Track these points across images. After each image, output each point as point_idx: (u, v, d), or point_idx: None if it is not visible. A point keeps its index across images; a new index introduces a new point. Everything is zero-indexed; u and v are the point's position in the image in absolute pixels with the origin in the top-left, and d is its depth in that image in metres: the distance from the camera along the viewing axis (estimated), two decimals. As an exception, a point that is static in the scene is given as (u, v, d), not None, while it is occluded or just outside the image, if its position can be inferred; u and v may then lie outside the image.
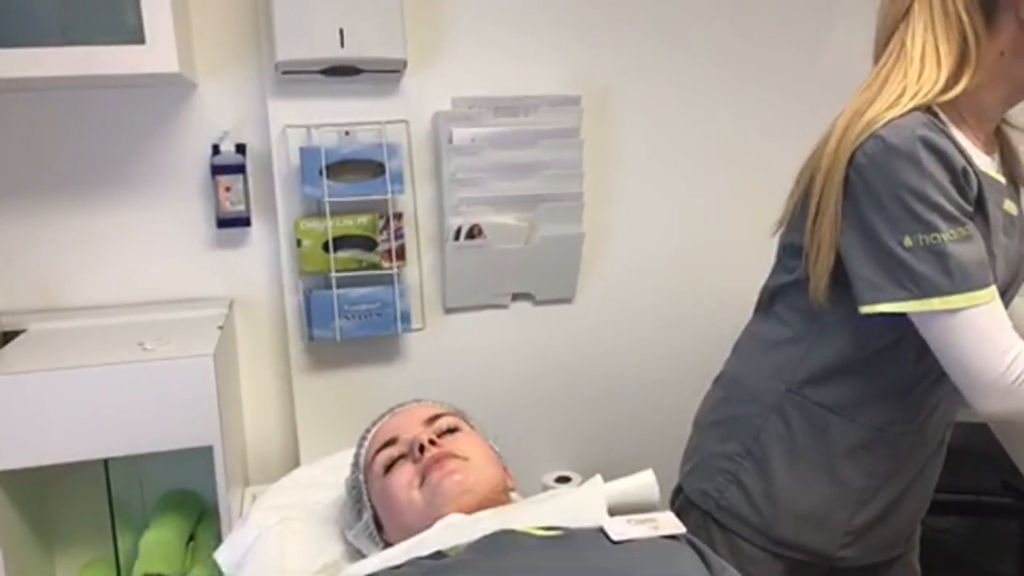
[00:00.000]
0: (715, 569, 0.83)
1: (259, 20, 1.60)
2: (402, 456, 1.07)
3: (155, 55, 1.34)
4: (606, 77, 1.81)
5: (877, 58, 1.04)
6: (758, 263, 1.19)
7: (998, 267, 0.97)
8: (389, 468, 1.07)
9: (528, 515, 0.90)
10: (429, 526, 0.94)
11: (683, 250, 1.89)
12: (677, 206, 1.89)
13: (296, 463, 1.69)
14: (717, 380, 1.22)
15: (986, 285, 0.92)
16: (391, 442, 1.09)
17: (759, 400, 1.11)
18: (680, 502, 1.19)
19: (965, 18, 0.94)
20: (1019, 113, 1.07)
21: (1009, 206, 1.03)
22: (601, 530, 0.85)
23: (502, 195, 1.70)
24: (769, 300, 1.16)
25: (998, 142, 1.07)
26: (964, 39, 0.95)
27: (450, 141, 1.66)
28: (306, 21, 1.48)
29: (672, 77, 1.84)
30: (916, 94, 0.94)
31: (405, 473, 1.05)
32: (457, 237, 1.69)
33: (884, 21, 1.03)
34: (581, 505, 0.91)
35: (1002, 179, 1.03)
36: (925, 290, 0.91)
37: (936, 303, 0.91)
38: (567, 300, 1.86)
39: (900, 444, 1.07)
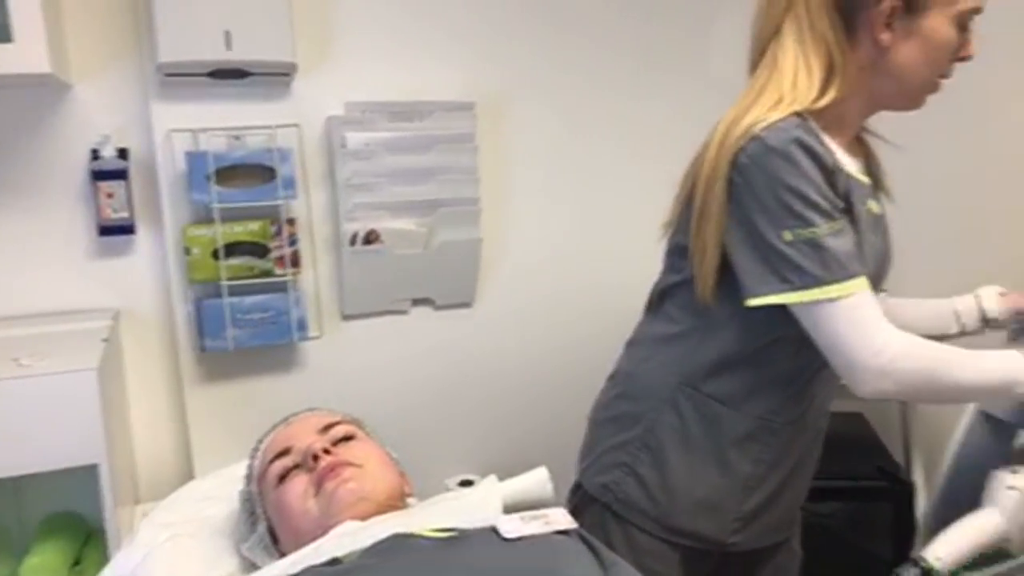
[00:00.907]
0: (606, 562, 0.85)
1: (139, 19, 1.54)
2: (296, 466, 1.05)
3: (24, 54, 1.27)
4: (501, 83, 1.83)
5: (752, 69, 1.09)
6: (649, 264, 1.23)
7: (866, 263, 1.04)
8: (283, 478, 1.05)
9: (423, 518, 0.90)
10: (325, 535, 0.93)
11: (578, 252, 1.93)
12: (571, 210, 1.93)
13: (190, 478, 1.63)
14: (611, 378, 1.25)
15: (859, 275, 0.98)
16: (285, 452, 1.07)
17: (653, 395, 1.15)
18: (579, 497, 1.22)
19: (829, 35, 1.01)
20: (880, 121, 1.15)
21: (873, 206, 1.10)
22: (494, 529, 0.86)
23: (399, 200, 1.70)
24: (659, 299, 1.20)
25: (861, 147, 1.14)
26: (829, 54, 1.01)
27: (344, 146, 1.64)
28: (189, 21, 1.44)
29: (565, 84, 1.88)
30: (792, 102, 1.00)
31: (300, 483, 1.03)
32: (354, 243, 1.67)
33: (758, 35, 1.08)
34: (475, 505, 0.92)
35: (866, 180, 1.10)
36: (805, 281, 0.97)
37: (815, 293, 0.97)
38: (467, 304, 1.87)
39: (783, 433, 1.12)
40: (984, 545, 1.04)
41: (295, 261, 1.63)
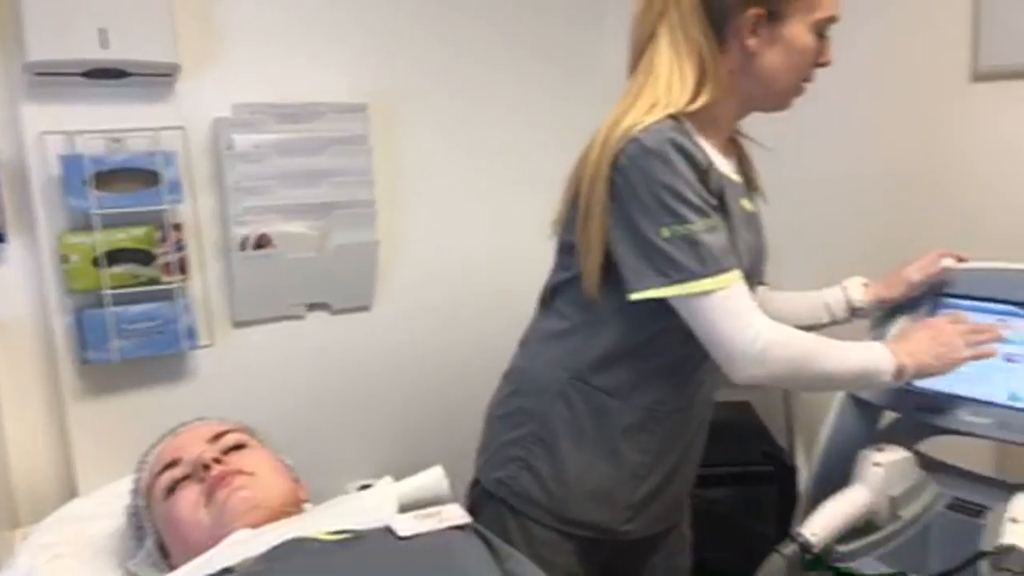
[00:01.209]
0: (501, 554, 0.87)
1: (5, 15, 1.45)
2: (186, 477, 1.03)
3: None
4: (393, 85, 1.83)
5: (630, 72, 1.14)
6: (544, 263, 1.26)
7: (740, 258, 1.10)
8: (172, 490, 1.03)
9: (317, 522, 0.90)
10: (217, 545, 0.91)
11: (475, 252, 1.95)
12: (468, 210, 1.94)
13: (74, 497, 1.55)
14: (506, 375, 1.27)
15: (733, 268, 1.03)
16: (173, 463, 1.05)
17: (545, 390, 1.17)
18: (476, 493, 1.24)
19: (701, 41, 1.06)
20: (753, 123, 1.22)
21: (746, 204, 1.16)
22: (389, 528, 0.86)
23: (291, 203, 1.67)
24: (550, 296, 1.23)
25: (734, 149, 1.20)
26: (701, 59, 1.07)
27: (231, 148, 1.60)
28: (62, 18, 1.37)
29: (459, 84, 1.90)
30: (667, 105, 1.05)
31: (190, 494, 1.01)
32: (244, 247, 1.64)
33: (635, 40, 1.13)
34: (370, 506, 0.93)
35: (739, 179, 1.16)
36: (682, 275, 1.01)
37: (692, 286, 1.01)
38: (365, 308, 1.85)
39: (670, 422, 1.17)
40: (855, 518, 1.12)
41: (182, 268, 1.58)
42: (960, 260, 1.27)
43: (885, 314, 1.30)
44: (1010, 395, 1.14)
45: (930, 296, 1.27)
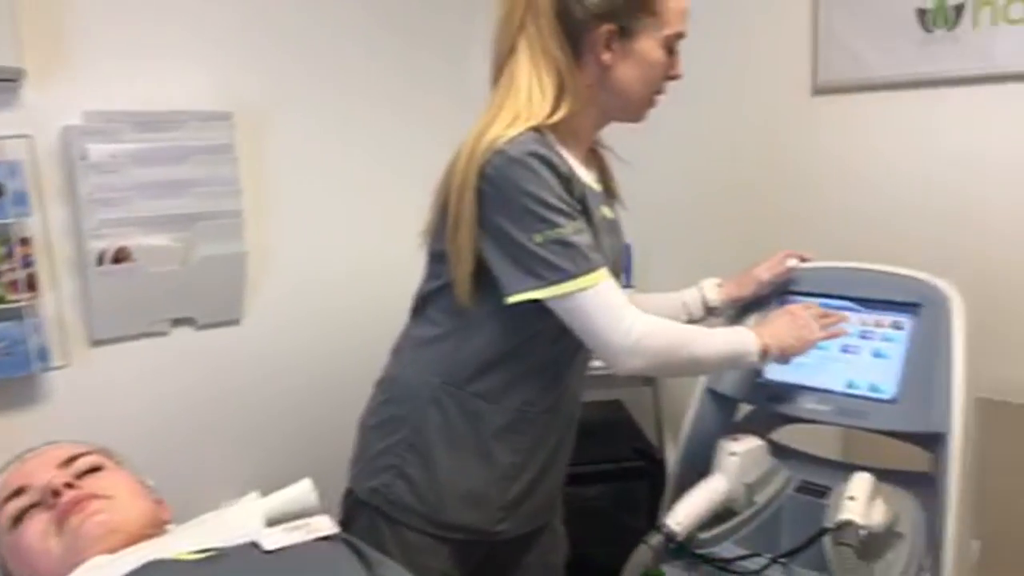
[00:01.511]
0: (371, 562, 0.87)
1: None
2: (34, 505, 0.98)
3: None
4: (261, 92, 1.79)
5: (493, 84, 1.17)
6: (416, 271, 1.26)
7: (605, 259, 1.14)
8: (19, 519, 0.97)
9: (179, 542, 0.87)
10: (71, 573, 0.87)
11: (347, 262, 1.93)
12: (340, 219, 1.92)
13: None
14: (378, 384, 1.27)
15: (602, 266, 1.08)
16: (19, 492, 0.99)
17: (417, 396, 1.18)
18: (350, 504, 1.23)
19: (558, 55, 1.10)
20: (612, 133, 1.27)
21: (606, 211, 1.22)
22: (255, 543, 0.85)
23: (151, 215, 1.61)
24: (422, 305, 1.24)
25: (595, 159, 1.25)
26: (560, 73, 1.10)
27: (84, 158, 1.52)
28: None
29: (328, 91, 1.88)
30: (528, 117, 1.08)
31: (39, 522, 0.96)
32: (101, 262, 1.56)
33: (496, 53, 1.16)
34: (235, 522, 0.91)
35: (599, 188, 1.21)
36: (558, 276, 1.05)
37: (569, 286, 1.05)
38: (234, 322, 1.80)
39: (540, 422, 1.20)
40: (715, 506, 1.19)
41: (31, 284, 1.49)
42: (803, 260, 1.37)
43: (737, 312, 1.38)
44: (847, 383, 1.24)
45: (778, 294, 1.36)
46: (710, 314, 1.38)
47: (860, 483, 1.09)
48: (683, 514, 1.16)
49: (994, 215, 1.65)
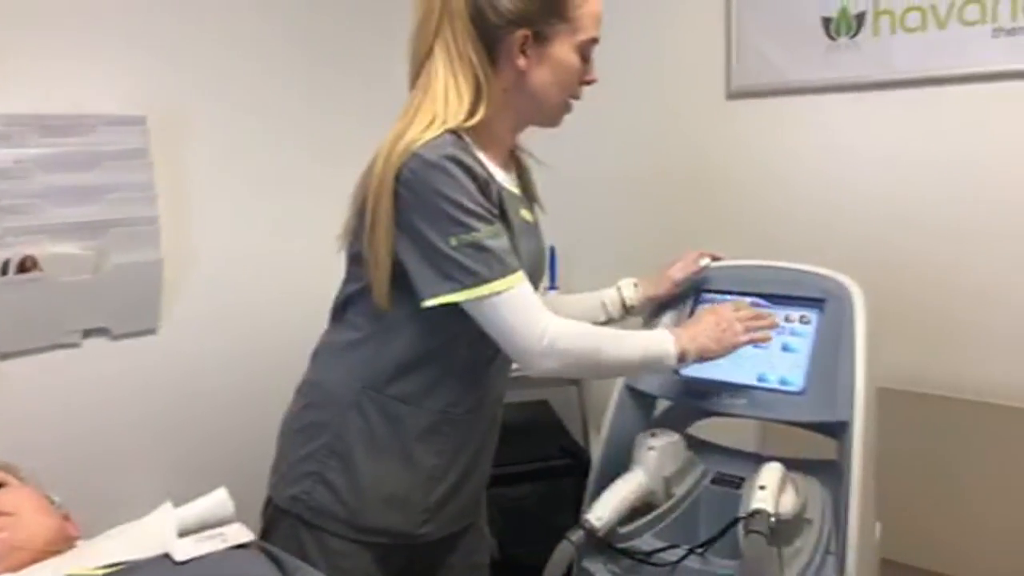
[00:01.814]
0: (288, 568, 0.86)
1: None
2: (-71, 527, 0.93)
3: None
4: (177, 95, 1.75)
5: (411, 86, 1.17)
6: (338, 274, 1.25)
7: (522, 263, 1.16)
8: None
9: (88, 557, 0.85)
10: (-30, 595, 0.84)
11: (266, 267, 1.91)
12: (262, 223, 1.90)
13: None
14: (298, 389, 1.26)
15: (517, 270, 1.09)
16: (-89, 514, 0.94)
17: (338, 401, 1.17)
18: (270, 513, 1.21)
19: (474, 59, 1.11)
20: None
21: (525, 214, 1.23)
22: (167, 555, 0.83)
23: (59, 222, 1.56)
24: (341, 308, 1.23)
25: (514, 162, 1.27)
26: (476, 77, 1.11)
27: (-14, 164, 1.47)
28: None
29: (247, 93, 1.85)
30: (444, 121, 1.09)
31: (-66, 543, 0.91)
32: (5, 272, 1.50)
33: (413, 56, 1.16)
34: (145, 535, 0.89)
35: (518, 191, 1.22)
36: (473, 280, 1.06)
37: (484, 289, 1.06)
38: (150, 331, 1.75)
39: (462, 424, 1.21)
40: (634, 500, 1.21)
41: (-70, 296, 1.43)
42: (715, 259, 1.41)
43: (654, 310, 1.42)
44: (758, 377, 1.29)
45: (692, 292, 1.40)
46: (628, 313, 1.41)
47: (770, 473, 1.13)
48: (603, 509, 1.18)
49: (896, 214, 1.74)
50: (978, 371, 1.66)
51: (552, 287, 2.06)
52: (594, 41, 1.18)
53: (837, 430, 1.20)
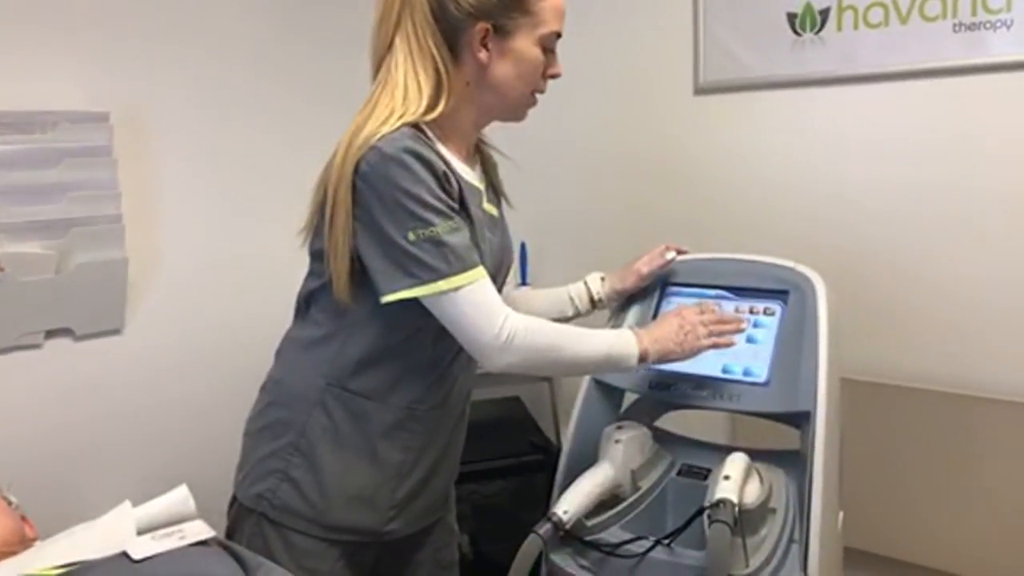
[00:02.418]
0: (250, 565, 0.86)
1: None
2: None
3: None
4: (141, 91, 1.73)
5: (373, 80, 1.16)
6: (300, 273, 1.24)
7: (485, 258, 1.15)
8: None
9: (43, 557, 0.83)
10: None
11: (234, 265, 1.89)
12: (228, 221, 1.89)
13: None
14: (262, 388, 1.25)
15: (477, 265, 1.09)
16: None
17: (302, 398, 1.17)
18: (235, 511, 1.20)
19: (435, 52, 1.10)
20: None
21: (490, 208, 1.23)
22: (125, 553, 0.82)
23: (20, 221, 1.54)
24: (305, 305, 1.22)
25: (479, 156, 1.27)
26: (437, 70, 1.11)
27: (-58, 161, 1.44)
28: None
29: (210, 90, 1.84)
30: (403, 114, 1.08)
31: None
32: (-36, 271, 1.48)
33: (374, 49, 1.16)
34: (103, 534, 0.87)
35: (481, 185, 1.22)
36: (431, 275, 1.05)
37: (442, 284, 1.06)
38: (115, 331, 1.74)
39: (428, 419, 1.20)
40: (601, 493, 1.21)
41: None
42: (681, 252, 1.41)
43: (621, 304, 1.42)
44: (723, 368, 1.29)
45: (658, 285, 1.41)
46: (596, 307, 1.41)
47: (735, 463, 1.14)
48: (570, 502, 1.18)
49: (859, 208, 1.76)
50: (942, 362, 1.68)
51: (523, 283, 2.06)
52: (557, 35, 1.18)
53: (800, 420, 1.21)
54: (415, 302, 1.08)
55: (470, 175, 1.19)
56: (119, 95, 1.69)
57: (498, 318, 1.08)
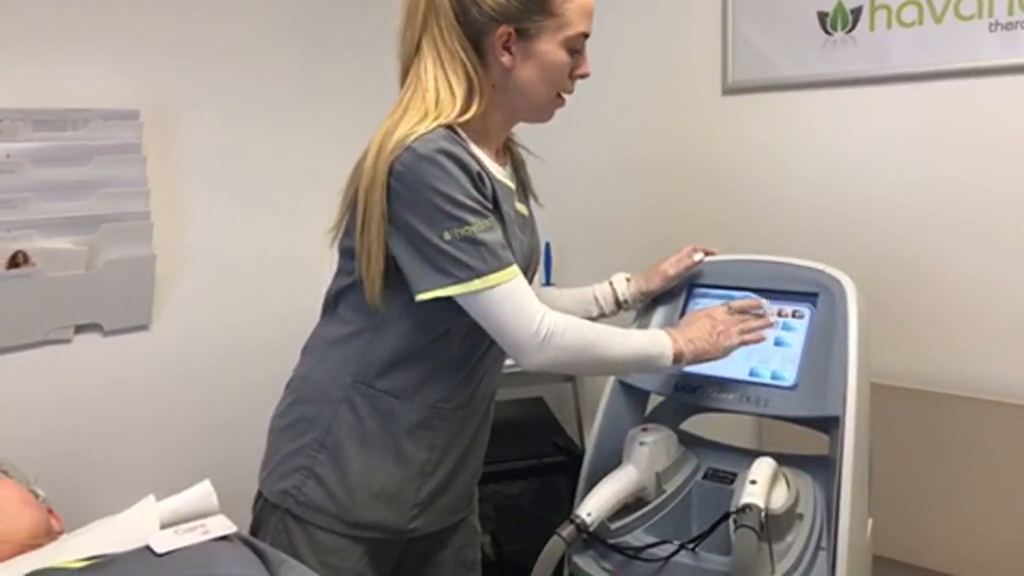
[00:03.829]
0: (272, 562, 0.86)
1: None
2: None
3: None
4: (171, 89, 1.75)
5: (402, 82, 1.16)
6: (327, 271, 1.25)
7: (516, 256, 1.15)
8: None
9: (68, 550, 0.84)
10: (-47, 589, 0.83)
11: (260, 262, 1.90)
12: (255, 219, 1.90)
13: None
14: (288, 384, 1.25)
15: (512, 263, 1.08)
16: None
17: (328, 395, 1.17)
18: (260, 507, 1.21)
19: (463, 56, 1.10)
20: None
21: (520, 207, 1.22)
22: (148, 547, 0.83)
23: (51, 217, 1.56)
24: (333, 303, 1.23)
25: (509, 156, 1.26)
26: (468, 73, 1.10)
27: (-24, 158, 1.47)
28: None
29: (239, 88, 1.85)
30: (437, 116, 1.08)
31: (-84, 538, 0.91)
32: (-4, 266, 1.50)
33: (402, 54, 1.15)
34: (128, 527, 0.88)
35: (512, 185, 1.21)
36: (467, 274, 1.05)
37: (477, 283, 1.05)
38: (143, 327, 1.75)
39: (454, 418, 1.20)
40: (625, 496, 1.20)
41: (-80, 290, 1.42)
42: (708, 254, 1.40)
43: (647, 305, 1.41)
44: (750, 371, 1.28)
45: (685, 287, 1.40)
46: (621, 307, 1.40)
47: (762, 468, 1.12)
48: (594, 504, 1.17)
49: (890, 210, 1.72)
50: (972, 367, 1.65)
51: (547, 283, 2.05)
52: (584, 35, 1.16)
53: (829, 425, 1.19)
54: (447, 302, 1.07)
55: (502, 174, 1.19)
56: (149, 93, 1.71)
57: (536, 315, 1.08)
